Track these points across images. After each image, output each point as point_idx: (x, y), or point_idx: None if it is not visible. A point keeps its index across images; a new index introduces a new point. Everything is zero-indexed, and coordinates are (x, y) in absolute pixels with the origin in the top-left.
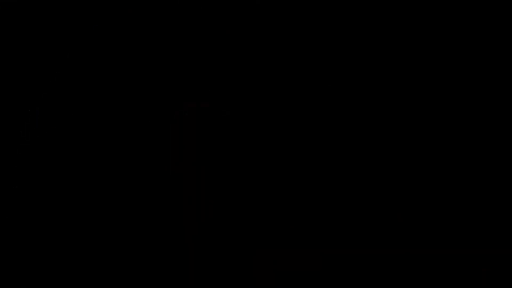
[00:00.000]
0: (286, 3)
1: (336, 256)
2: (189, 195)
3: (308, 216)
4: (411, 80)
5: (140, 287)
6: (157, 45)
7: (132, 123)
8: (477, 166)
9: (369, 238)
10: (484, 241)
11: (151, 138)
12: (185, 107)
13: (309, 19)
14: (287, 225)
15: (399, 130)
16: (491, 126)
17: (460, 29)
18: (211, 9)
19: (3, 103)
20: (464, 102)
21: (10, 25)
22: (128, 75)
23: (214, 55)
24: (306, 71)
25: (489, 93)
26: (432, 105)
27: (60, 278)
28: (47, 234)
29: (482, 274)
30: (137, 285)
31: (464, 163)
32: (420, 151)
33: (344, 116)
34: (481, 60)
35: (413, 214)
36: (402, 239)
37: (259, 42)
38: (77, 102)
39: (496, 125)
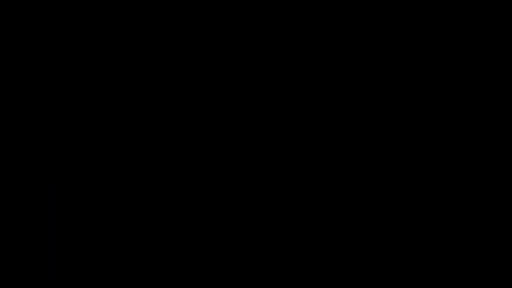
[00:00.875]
0: (287, 4)
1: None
2: (190, 195)
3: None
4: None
5: (138, 286)
6: (158, 47)
7: (132, 124)
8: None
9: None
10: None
11: (151, 140)
12: (185, 110)
13: (311, 21)
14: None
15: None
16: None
17: (460, 29)
18: (211, 12)
19: (3, 103)
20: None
21: (10, 25)
22: (128, 77)
23: (215, 58)
24: (308, 74)
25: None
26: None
27: (60, 278)
28: (47, 234)
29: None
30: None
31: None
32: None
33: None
34: (481, 60)
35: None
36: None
37: (259, 44)
38: (77, 103)
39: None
